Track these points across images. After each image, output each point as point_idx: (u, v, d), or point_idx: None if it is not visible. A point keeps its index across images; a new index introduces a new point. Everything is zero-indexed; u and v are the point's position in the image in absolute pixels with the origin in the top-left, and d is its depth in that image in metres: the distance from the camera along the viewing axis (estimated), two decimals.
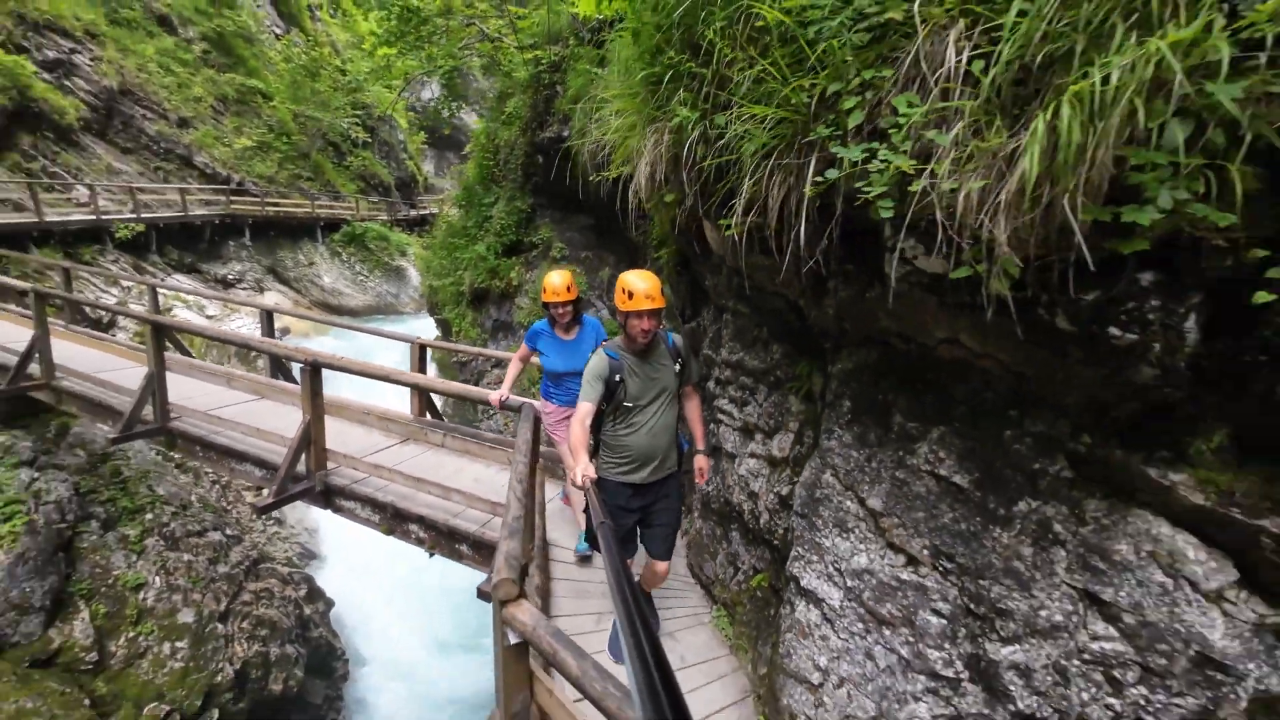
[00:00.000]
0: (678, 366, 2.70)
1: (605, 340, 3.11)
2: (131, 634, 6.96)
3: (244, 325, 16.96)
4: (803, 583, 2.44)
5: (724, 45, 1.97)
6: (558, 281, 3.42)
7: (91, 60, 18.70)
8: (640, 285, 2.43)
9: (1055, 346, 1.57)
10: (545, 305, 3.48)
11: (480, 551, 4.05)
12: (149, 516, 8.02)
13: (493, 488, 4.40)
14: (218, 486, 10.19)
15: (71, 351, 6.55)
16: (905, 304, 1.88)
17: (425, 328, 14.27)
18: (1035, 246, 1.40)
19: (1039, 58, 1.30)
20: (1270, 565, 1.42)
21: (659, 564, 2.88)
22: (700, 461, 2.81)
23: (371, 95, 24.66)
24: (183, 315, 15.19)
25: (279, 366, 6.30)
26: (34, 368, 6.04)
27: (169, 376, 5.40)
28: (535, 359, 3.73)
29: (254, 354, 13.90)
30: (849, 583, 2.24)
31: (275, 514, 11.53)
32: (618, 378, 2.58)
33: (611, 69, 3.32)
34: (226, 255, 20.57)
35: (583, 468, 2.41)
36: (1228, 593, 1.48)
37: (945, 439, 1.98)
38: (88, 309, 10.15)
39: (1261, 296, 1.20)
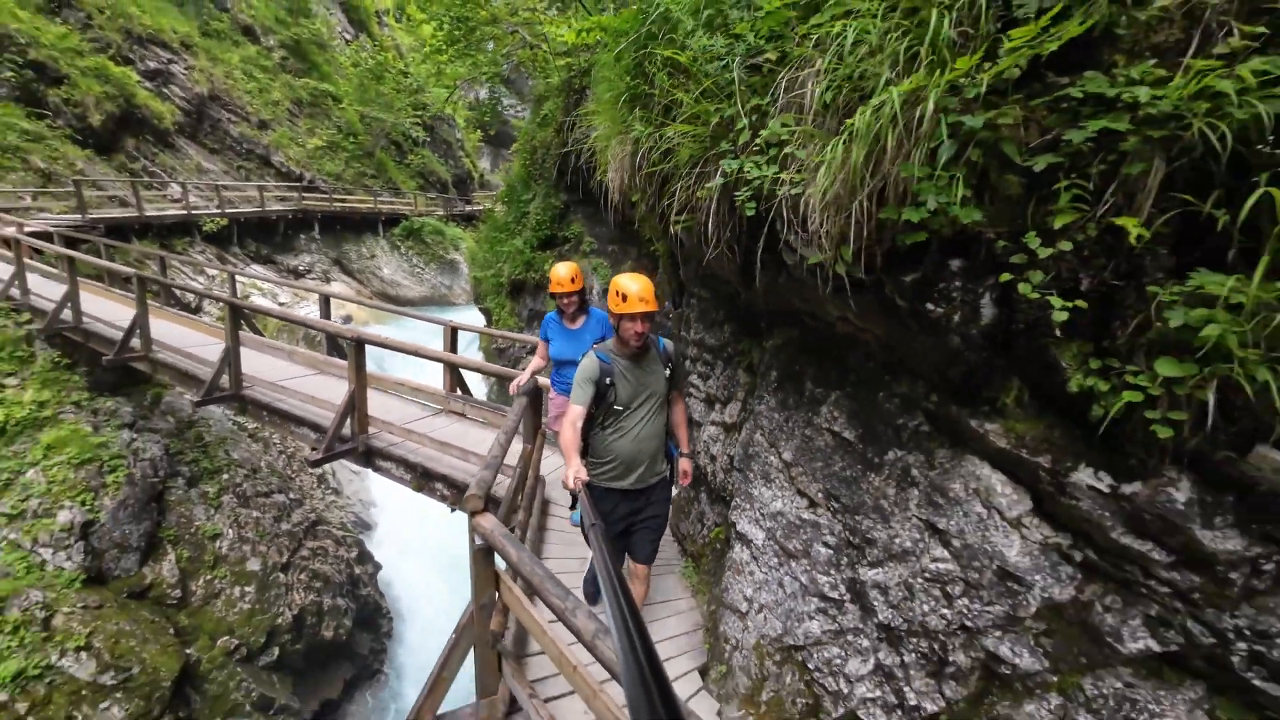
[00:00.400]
0: (668, 372, 2.69)
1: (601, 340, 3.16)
2: (208, 576, 8.06)
3: (310, 311, 18.47)
4: (738, 527, 2.87)
5: (662, 76, 2.43)
6: (563, 273, 3.55)
7: (185, 69, 20.77)
8: (633, 288, 2.42)
9: (900, 320, 1.96)
10: (552, 295, 3.67)
11: (491, 505, 4.65)
12: (225, 477, 9.17)
13: (508, 454, 5.00)
14: (284, 456, 11.37)
15: (165, 329, 7.64)
16: (806, 288, 2.29)
17: (475, 317, 15.24)
18: (862, 239, 1.80)
19: (854, 94, 1.70)
20: (1050, 496, 1.77)
21: (639, 566, 2.89)
22: (684, 464, 2.82)
23: (431, 96, 26.09)
24: (258, 300, 16.73)
25: (334, 345, 7.16)
26: (135, 342, 7.12)
27: (242, 351, 6.30)
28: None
29: (316, 337, 15.22)
30: (768, 524, 2.67)
31: (333, 484, 12.73)
32: (608, 380, 2.57)
33: (597, 85, 3.81)
34: (298, 248, 22.36)
35: (574, 470, 2.41)
36: (1024, 519, 1.84)
37: (839, 401, 2.38)
38: (179, 292, 11.53)
39: (1004, 277, 1.57)
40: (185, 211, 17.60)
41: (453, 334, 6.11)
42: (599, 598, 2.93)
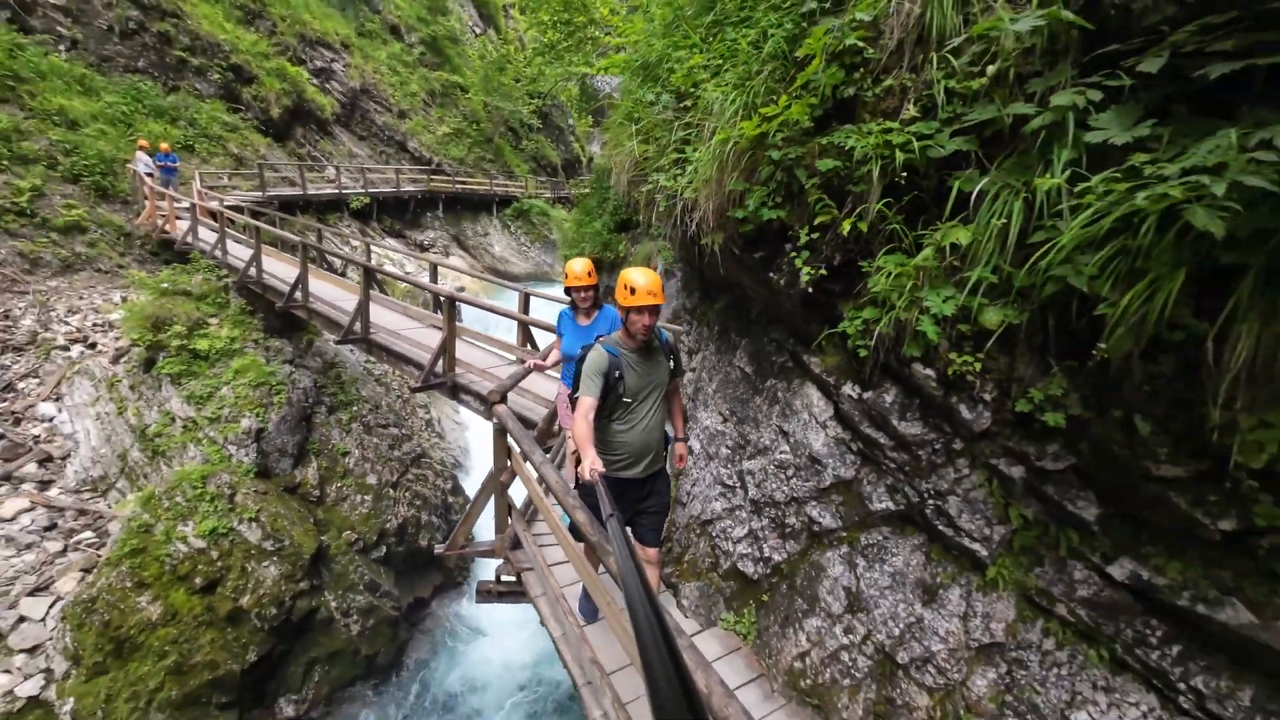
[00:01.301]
0: (671, 364, 2.80)
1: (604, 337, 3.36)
2: (339, 484, 10.29)
3: (425, 278, 21.21)
4: (689, 444, 3.89)
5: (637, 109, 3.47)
6: (579, 268, 3.62)
7: (344, 66, 24.31)
8: (641, 281, 2.49)
9: (766, 285, 2.88)
10: (567, 290, 3.70)
11: (538, 434, 5.98)
12: (355, 408, 11.45)
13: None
14: (400, 399, 13.69)
15: (317, 285, 9.82)
16: (724, 263, 3.24)
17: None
18: (728, 228, 2.75)
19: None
20: (838, 404, 2.64)
21: (650, 551, 3.01)
22: (680, 449, 2.97)
23: (545, 83, 28.20)
24: (386, 267, 19.55)
25: (438, 304, 8.88)
26: (297, 294, 9.31)
27: (371, 306, 8.14)
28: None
29: (428, 299, 17.66)
30: (703, 438, 3.66)
31: (438, 429, 15.01)
32: (617, 373, 2.63)
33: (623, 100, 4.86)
34: (424, 224, 25.48)
35: (590, 461, 2.44)
36: (827, 422, 2.73)
37: (745, 345, 3.32)
38: (329, 258, 14.18)
39: (791, 254, 2.47)
40: (337, 190, 20.90)
41: (525, 299, 7.49)
42: (596, 617, 3.15)
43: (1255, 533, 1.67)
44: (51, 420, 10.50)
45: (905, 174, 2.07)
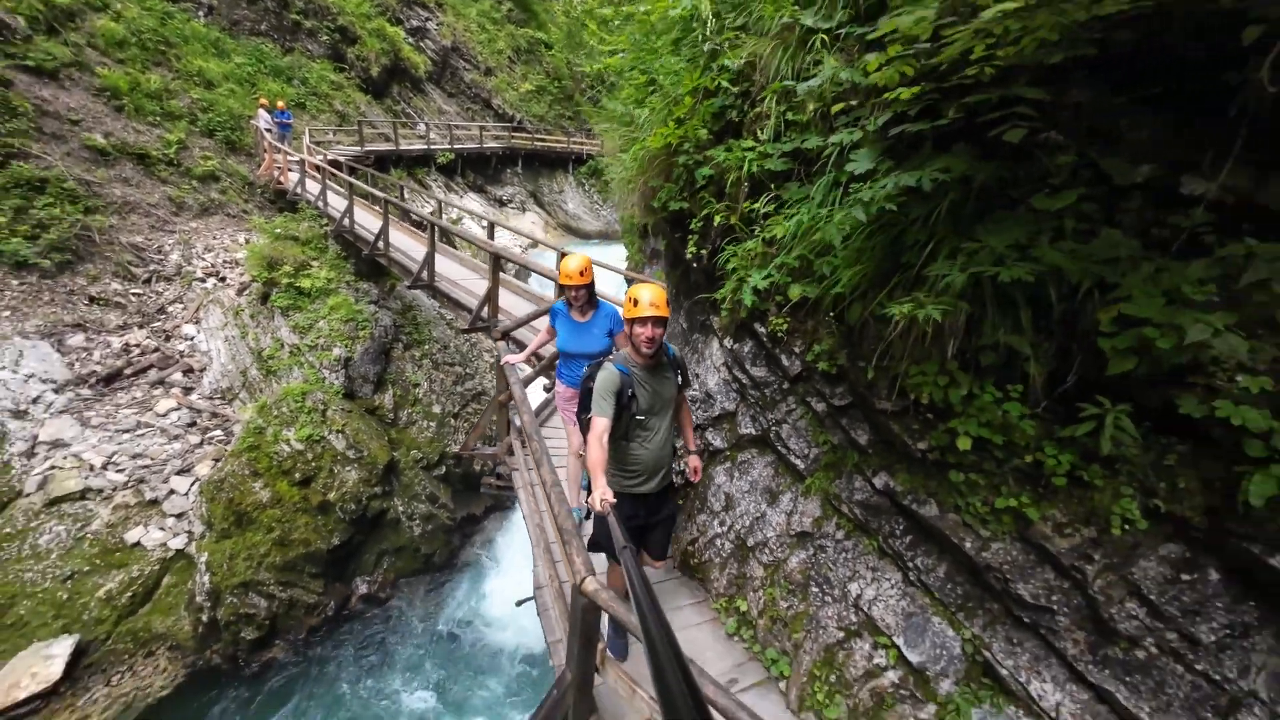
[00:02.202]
0: (679, 379, 2.84)
1: (620, 331, 3.51)
2: (409, 410, 12.06)
3: (504, 235, 22.78)
4: None
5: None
6: (572, 266, 3.60)
7: (436, 25, 25.81)
8: (645, 295, 2.52)
9: (684, 260, 3.71)
10: (560, 288, 3.72)
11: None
12: (426, 346, 13.17)
13: None
14: (466, 342, 15.38)
15: (397, 237, 11.36)
16: (666, 240, 4.08)
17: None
18: (654, 215, 3.59)
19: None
20: (725, 354, 3.48)
21: (657, 562, 3.09)
22: (694, 461, 2.96)
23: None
24: (467, 224, 21.25)
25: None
26: (380, 244, 10.86)
27: (437, 257, 9.50)
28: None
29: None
30: None
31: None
32: (629, 392, 2.63)
33: None
34: (504, 180, 27.03)
35: (601, 492, 2.41)
36: (719, 368, 3.57)
37: (685, 305, 4.17)
38: (409, 212, 15.88)
39: (690, 243, 3.29)
40: (426, 146, 22.70)
41: (561, 256, 8.54)
42: (626, 654, 3.01)
43: (938, 450, 2.42)
44: (192, 339, 12.91)
45: (749, 182, 2.85)
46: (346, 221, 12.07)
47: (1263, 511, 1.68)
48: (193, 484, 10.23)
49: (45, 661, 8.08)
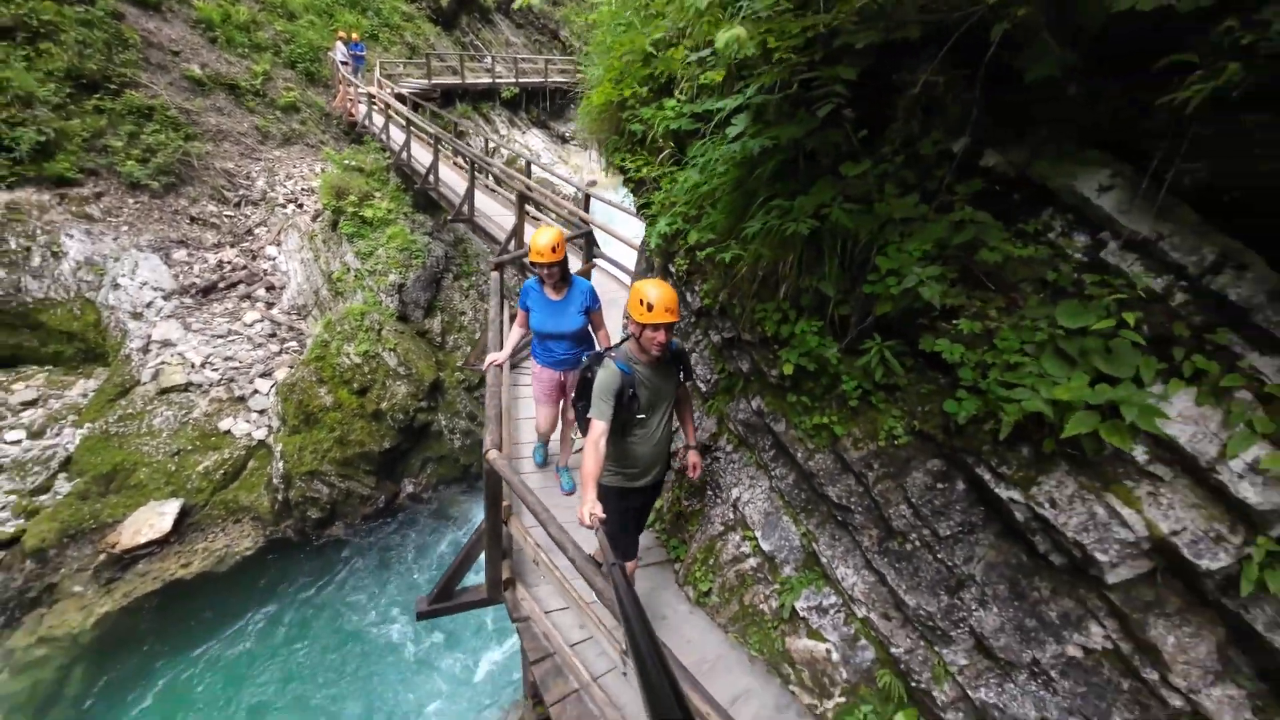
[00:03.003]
0: (680, 373, 2.81)
1: (596, 309, 3.51)
2: (455, 335, 13.22)
3: (564, 173, 23.22)
4: None
5: None
6: (543, 242, 3.43)
7: None
8: (656, 296, 2.41)
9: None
10: (531, 264, 3.52)
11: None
12: (473, 278, 14.19)
13: None
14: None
15: (446, 174, 12.15)
16: None
17: None
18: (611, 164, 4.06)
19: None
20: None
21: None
22: (693, 457, 2.96)
23: None
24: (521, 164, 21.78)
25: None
26: (431, 178, 11.71)
27: (477, 194, 10.23)
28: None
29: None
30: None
31: None
32: (630, 391, 2.57)
33: None
34: (567, 116, 27.17)
35: (590, 506, 2.37)
36: None
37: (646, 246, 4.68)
38: (459, 150, 16.65)
39: (630, 190, 3.78)
40: (491, 80, 23.16)
41: (586, 198, 9.04)
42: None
43: (782, 377, 2.92)
44: (274, 260, 14.50)
45: (673, 139, 3.28)
46: (405, 155, 12.98)
47: (969, 429, 2.12)
48: (272, 386, 11.88)
49: (159, 517, 10.00)
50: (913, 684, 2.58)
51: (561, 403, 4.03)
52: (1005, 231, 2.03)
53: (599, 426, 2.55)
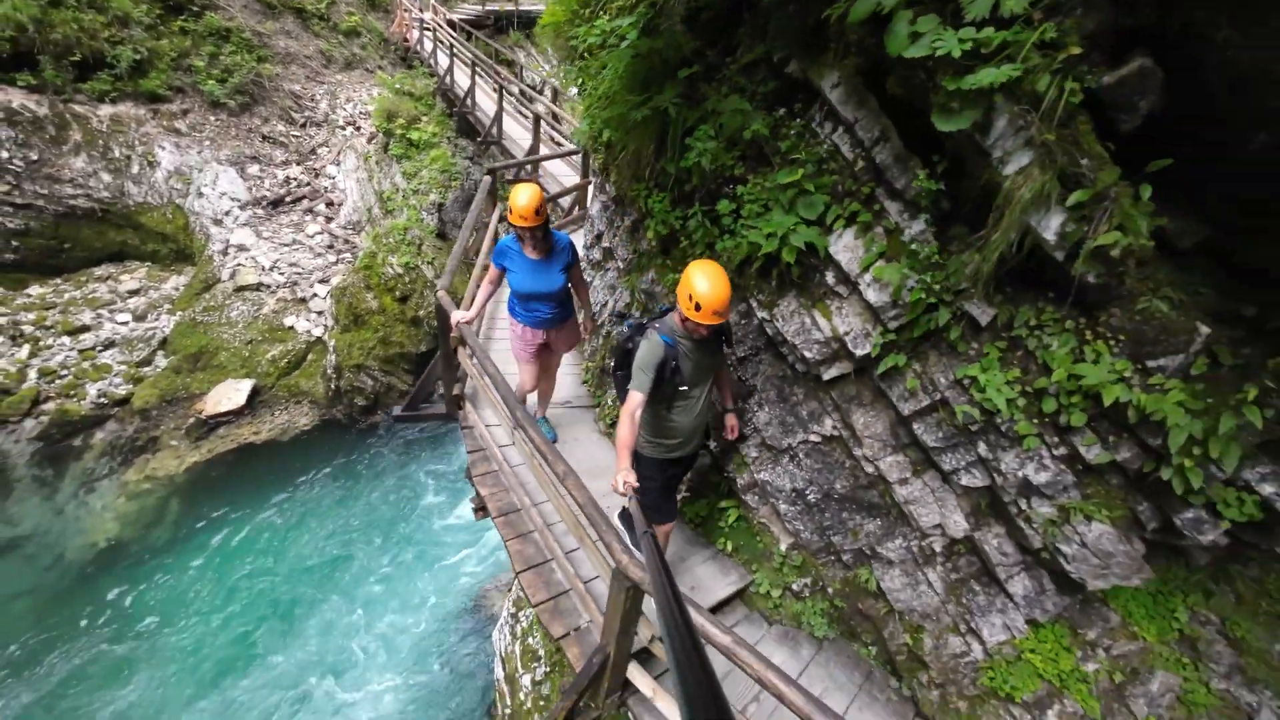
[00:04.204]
0: (724, 344, 2.80)
1: (576, 264, 3.53)
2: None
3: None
4: None
5: None
6: (523, 202, 3.31)
7: None
8: (707, 294, 2.36)
9: None
10: (510, 226, 3.41)
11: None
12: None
13: None
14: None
15: (481, 98, 13.00)
16: None
17: None
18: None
19: None
20: None
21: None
22: (731, 420, 3.02)
23: None
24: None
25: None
26: (469, 102, 12.60)
27: (505, 118, 11.06)
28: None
29: None
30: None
31: None
32: (673, 364, 2.55)
33: None
34: None
35: (624, 474, 2.38)
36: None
37: None
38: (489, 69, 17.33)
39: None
40: (543, 6, 23.37)
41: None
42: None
43: (659, 245, 3.75)
44: (334, 178, 15.98)
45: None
46: (448, 80, 13.88)
47: (745, 270, 2.94)
48: (328, 291, 13.50)
49: (235, 392, 11.95)
50: (726, 475, 3.52)
51: (541, 360, 3.96)
52: (769, 116, 2.76)
53: (636, 398, 2.53)
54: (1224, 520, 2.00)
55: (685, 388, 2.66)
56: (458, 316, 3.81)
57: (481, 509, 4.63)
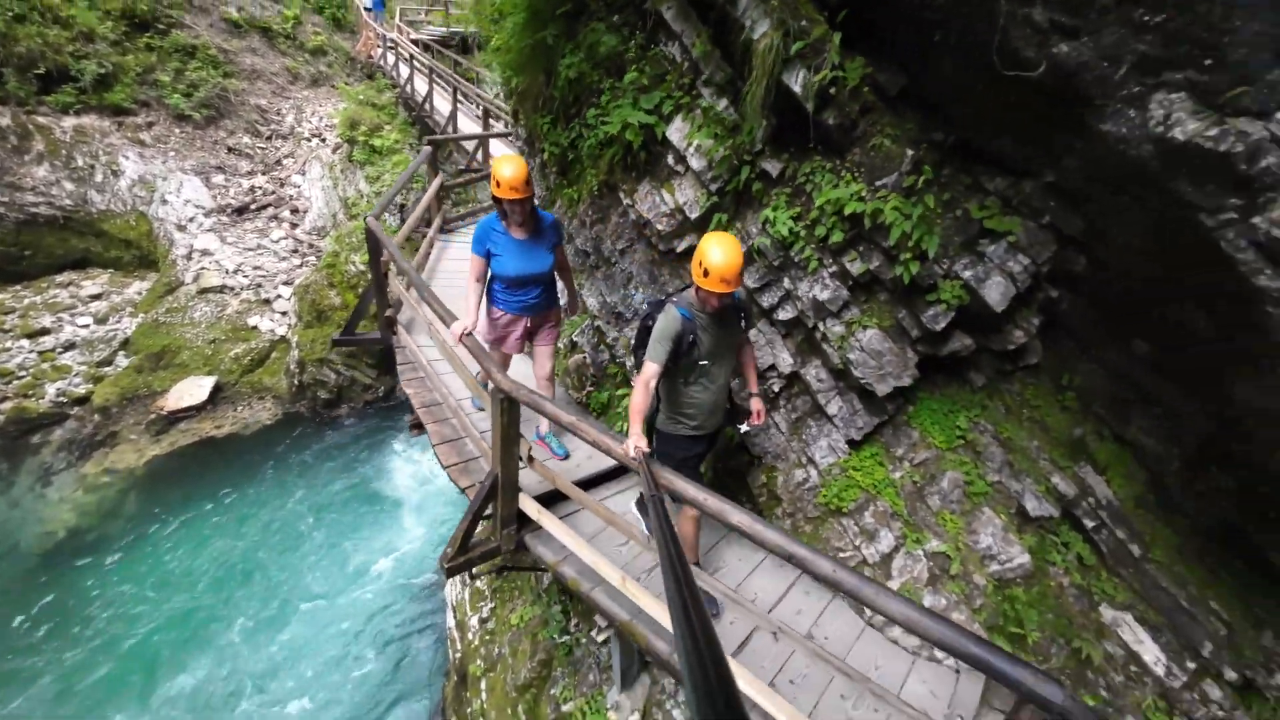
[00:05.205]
0: (743, 322, 2.82)
1: (561, 244, 3.44)
2: None
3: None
4: None
5: None
6: (510, 173, 3.12)
7: None
8: (718, 262, 2.37)
9: None
10: (495, 200, 3.24)
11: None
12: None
13: None
14: None
15: (439, 104, 13.76)
16: None
17: None
18: None
19: None
20: None
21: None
22: (757, 404, 2.97)
23: None
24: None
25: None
26: (426, 106, 13.32)
27: (460, 117, 11.79)
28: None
29: None
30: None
31: None
32: (690, 338, 2.58)
33: None
34: None
35: (636, 439, 2.41)
36: None
37: None
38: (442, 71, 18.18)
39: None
40: None
41: None
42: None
43: (555, 168, 4.39)
44: (299, 187, 16.54)
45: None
46: (409, 89, 14.65)
47: (616, 168, 3.58)
48: (293, 290, 13.94)
49: (198, 388, 12.27)
50: (617, 361, 4.10)
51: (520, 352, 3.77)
52: (621, 36, 3.43)
53: (651, 368, 2.56)
54: (945, 305, 2.63)
55: (705, 363, 2.68)
56: (458, 328, 3.33)
57: (416, 425, 5.15)
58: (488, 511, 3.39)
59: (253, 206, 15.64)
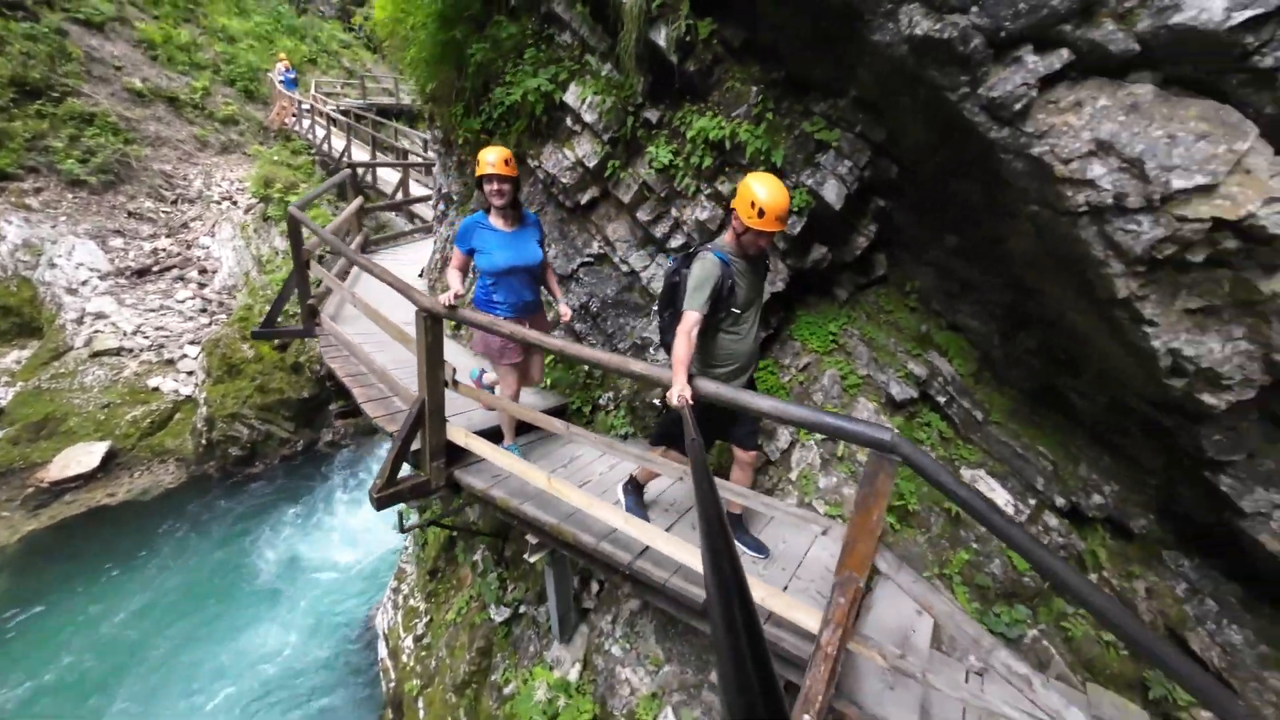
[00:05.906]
0: (767, 267, 2.86)
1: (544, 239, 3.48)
2: None
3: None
4: None
5: None
6: (494, 156, 3.13)
7: None
8: (771, 202, 2.36)
9: None
10: (479, 181, 3.19)
11: None
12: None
13: None
14: None
15: (358, 155, 14.22)
16: None
17: None
18: None
19: None
20: None
21: (749, 453, 3.00)
22: None
23: None
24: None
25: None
26: (344, 159, 13.73)
27: (379, 172, 12.26)
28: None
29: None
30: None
31: None
32: (730, 283, 2.56)
33: None
34: None
35: (680, 388, 2.38)
36: None
37: None
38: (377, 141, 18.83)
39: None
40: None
41: None
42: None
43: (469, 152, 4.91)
44: (208, 248, 16.25)
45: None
46: (325, 146, 15.04)
47: (525, 136, 4.13)
48: (201, 351, 13.46)
49: (87, 455, 11.45)
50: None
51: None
52: (521, 26, 4.08)
53: (693, 316, 2.52)
54: (799, 212, 3.27)
55: (739, 310, 2.65)
56: (444, 298, 3.23)
57: (343, 415, 5.26)
58: (415, 445, 3.61)
59: (155, 269, 15.17)
